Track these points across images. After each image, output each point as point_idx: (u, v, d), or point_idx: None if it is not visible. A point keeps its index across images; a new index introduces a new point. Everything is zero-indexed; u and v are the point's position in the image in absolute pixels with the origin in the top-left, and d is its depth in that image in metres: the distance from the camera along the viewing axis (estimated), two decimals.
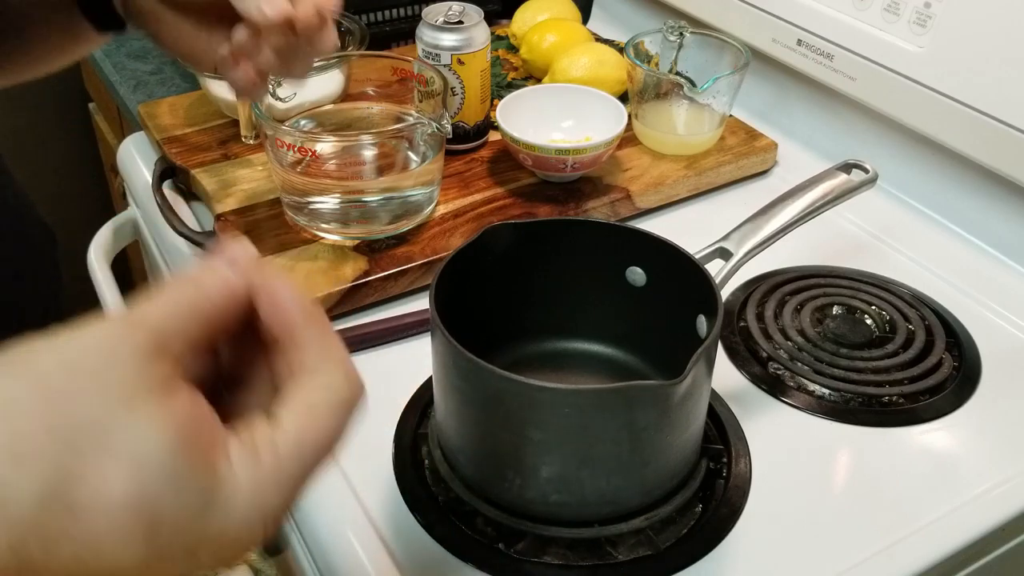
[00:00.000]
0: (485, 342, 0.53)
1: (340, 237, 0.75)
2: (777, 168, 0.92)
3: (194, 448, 0.27)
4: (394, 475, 0.59)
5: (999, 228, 0.79)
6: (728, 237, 0.62)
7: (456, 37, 0.82)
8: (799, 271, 0.77)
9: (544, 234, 0.61)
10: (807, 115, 0.94)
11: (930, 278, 0.77)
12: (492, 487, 0.54)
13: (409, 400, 0.64)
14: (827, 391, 0.65)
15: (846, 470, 0.61)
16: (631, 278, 0.62)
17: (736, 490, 0.58)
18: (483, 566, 0.53)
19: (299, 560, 0.59)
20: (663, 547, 0.54)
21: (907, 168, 0.84)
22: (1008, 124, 0.71)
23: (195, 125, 0.90)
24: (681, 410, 0.52)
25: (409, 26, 1.12)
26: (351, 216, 0.75)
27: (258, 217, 0.78)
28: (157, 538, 0.26)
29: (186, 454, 0.26)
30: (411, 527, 0.56)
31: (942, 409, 0.64)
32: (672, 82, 0.87)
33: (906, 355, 0.68)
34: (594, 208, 0.81)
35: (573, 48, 0.97)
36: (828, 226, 0.81)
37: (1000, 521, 0.57)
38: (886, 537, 0.55)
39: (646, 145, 0.90)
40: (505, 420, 0.51)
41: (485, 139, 0.90)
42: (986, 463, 0.61)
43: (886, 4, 0.79)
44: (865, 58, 0.81)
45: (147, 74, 1.11)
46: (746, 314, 0.72)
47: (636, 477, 0.53)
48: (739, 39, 0.89)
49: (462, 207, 0.80)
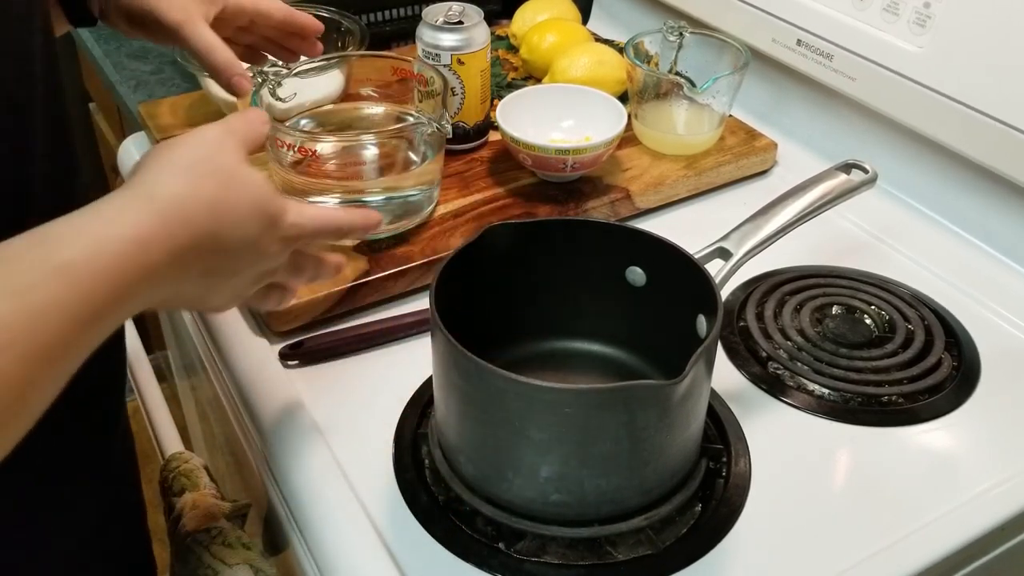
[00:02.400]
0: (485, 342, 0.53)
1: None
2: (777, 168, 0.92)
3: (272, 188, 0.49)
4: (394, 475, 0.59)
5: (998, 228, 0.79)
6: (728, 237, 0.63)
7: (456, 37, 0.82)
8: (799, 271, 0.77)
9: (544, 234, 0.61)
10: (807, 115, 0.94)
11: (929, 278, 0.77)
12: (492, 487, 0.54)
13: (409, 400, 0.64)
14: (827, 391, 0.65)
15: (846, 469, 0.61)
16: (631, 278, 0.62)
17: (736, 490, 0.58)
18: (483, 566, 0.53)
19: (299, 560, 0.59)
20: (663, 547, 0.54)
21: (907, 168, 0.85)
22: (1008, 124, 0.71)
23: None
24: (681, 410, 0.52)
25: (409, 26, 1.12)
26: None
27: None
28: (264, 220, 0.47)
29: (272, 190, 0.48)
30: (411, 527, 0.56)
31: (941, 409, 0.65)
32: (672, 82, 0.87)
33: (905, 355, 0.68)
34: (594, 208, 0.81)
35: (573, 48, 0.97)
36: (828, 226, 0.81)
37: (1000, 520, 0.57)
38: (886, 537, 0.56)
39: (646, 145, 0.90)
40: (505, 420, 0.51)
41: (485, 139, 0.90)
42: (985, 462, 0.61)
43: (885, 4, 0.79)
44: (865, 58, 0.81)
45: (147, 74, 1.11)
46: (746, 314, 0.72)
47: (636, 476, 0.53)
48: (739, 39, 0.89)
49: (462, 207, 0.81)
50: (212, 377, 0.74)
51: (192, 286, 0.46)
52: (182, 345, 0.93)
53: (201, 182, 0.44)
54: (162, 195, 0.43)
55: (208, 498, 0.65)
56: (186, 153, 0.46)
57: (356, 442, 0.62)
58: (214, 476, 0.70)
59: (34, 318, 0.36)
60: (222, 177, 0.45)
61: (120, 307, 0.40)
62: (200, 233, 0.44)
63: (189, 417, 1.12)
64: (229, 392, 0.69)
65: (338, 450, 0.61)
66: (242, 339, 0.70)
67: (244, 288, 0.51)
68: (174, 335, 0.97)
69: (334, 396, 0.66)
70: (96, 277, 0.38)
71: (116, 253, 0.39)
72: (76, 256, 0.38)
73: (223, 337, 0.71)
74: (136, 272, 0.40)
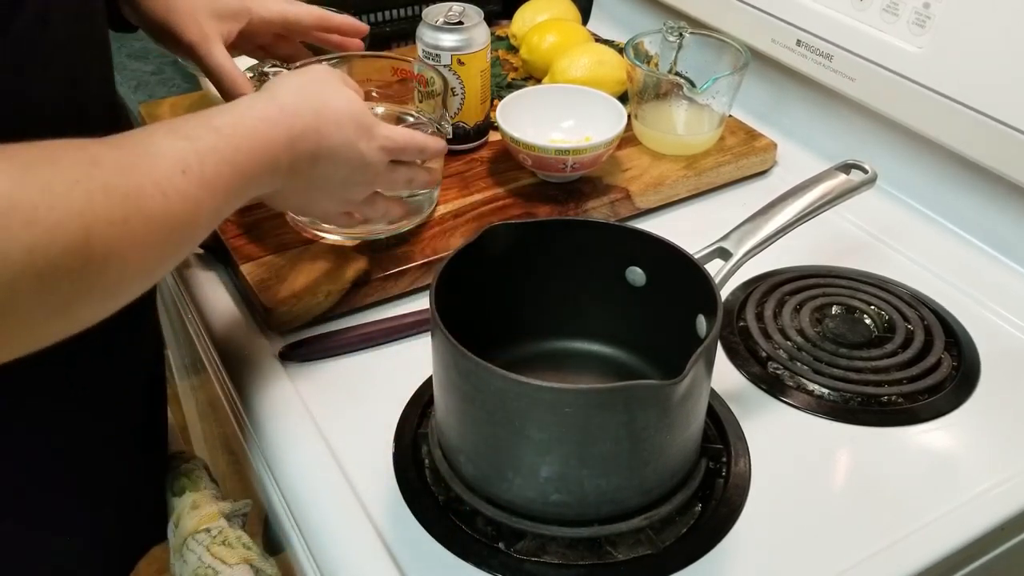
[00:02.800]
0: (485, 342, 0.53)
1: (341, 237, 0.75)
2: (776, 168, 0.92)
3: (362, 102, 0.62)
4: (394, 475, 0.59)
5: (998, 228, 0.79)
6: (727, 237, 0.63)
7: (456, 37, 0.82)
8: (798, 271, 0.77)
9: (544, 234, 0.61)
10: (806, 115, 0.94)
11: (929, 278, 0.77)
12: (492, 486, 0.55)
13: (409, 400, 0.64)
14: (826, 391, 0.65)
15: (845, 469, 0.61)
16: (631, 278, 0.62)
17: (735, 489, 0.58)
18: (483, 565, 0.53)
19: (299, 560, 0.59)
20: (663, 546, 0.54)
21: (906, 168, 0.85)
22: (1007, 124, 0.71)
23: None
24: (681, 410, 0.52)
25: (409, 26, 1.12)
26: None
27: (258, 216, 0.78)
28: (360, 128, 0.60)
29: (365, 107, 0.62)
30: (411, 527, 0.56)
31: (941, 408, 0.65)
32: (672, 82, 0.87)
33: (905, 355, 0.68)
34: (594, 208, 0.81)
35: (573, 48, 0.97)
36: (827, 226, 0.82)
37: (1000, 520, 0.57)
38: (886, 536, 0.56)
39: (646, 145, 0.90)
40: (505, 420, 0.51)
41: (485, 139, 0.90)
42: (985, 462, 0.61)
43: (885, 4, 0.79)
44: (864, 58, 0.81)
45: (148, 74, 1.11)
46: (745, 314, 0.72)
47: (636, 476, 0.53)
48: (738, 39, 0.89)
49: (462, 207, 0.81)
50: (212, 377, 0.74)
51: (303, 182, 0.58)
52: (182, 345, 0.93)
53: (308, 93, 0.58)
54: (281, 96, 0.56)
55: (208, 498, 0.65)
56: (297, 78, 0.59)
57: (356, 442, 0.62)
58: (214, 476, 0.70)
59: (201, 156, 0.48)
60: (325, 93, 0.59)
61: (253, 172, 0.52)
62: (308, 127, 0.56)
63: (189, 417, 1.12)
64: (229, 392, 0.69)
65: (338, 450, 0.61)
66: (242, 339, 0.70)
67: (352, 194, 0.63)
68: (174, 335, 0.97)
69: (334, 396, 0.66)
70: (241, 136, 0.52)
71: (256, 119, 0.53)
72: (226, 120, 0.52)
73: (223, 337, 0.71)
74: (265, 143, 0.53)
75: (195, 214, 0.48)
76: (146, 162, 0.45)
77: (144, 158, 0.45)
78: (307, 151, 0.57)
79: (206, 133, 0.50)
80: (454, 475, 0.57)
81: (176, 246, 0.48)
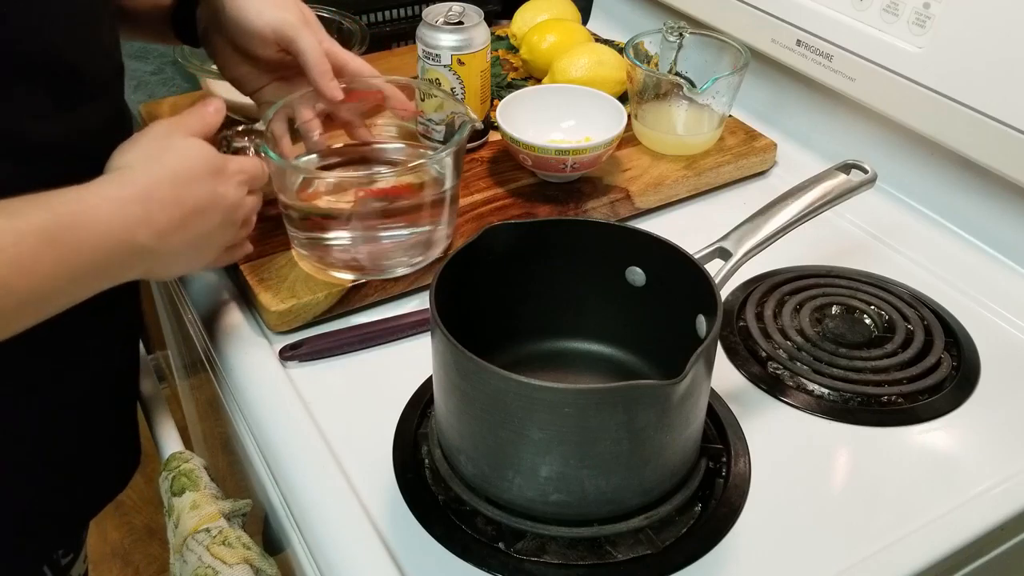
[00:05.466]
0: (485, 342, 0.53)
1: (354, 275, 0.72)
2: (776, 168, 0.92)
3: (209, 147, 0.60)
4: (394, 475, 0.59)
5: (998, 228, 0.79)
6: (727, 237, 0.63)
7: (456, 38, 0.82)
8: (798, 271, 0.77)
9: (544, 234, 0.61)
10: (806, 115, 0.94)
11: (929, 278, 0.77)
12: (492, 486, 0.55)
13: (409, 400, 0.64)
14: (826, 391, 0.65)
15: (845, 469, 0.61)
16: (631, 278, 0.62)
17: (735, 489, 0.58)
18: (483, 565, 0.53)
19: (299, 560, 0.59)
20: (662, 546, 0.54)
21: (906, 168, 0.85)
22: (1007, 124, 0.71)
23: None
24: (681, 410, 0.52)
25: (409, 26, 1.12)
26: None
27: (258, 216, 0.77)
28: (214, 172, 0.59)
29: (212, 149, 0.60)
30: (411, 527, 0.56)
31: (941, 408, 0.65)
32: (672, 82, 0.87)
33: (905, 355, 0.68)
34: (594, 208, 0.81)
35: (573, 48, 0.97)
36: (827, 226, 0.82)
37: (999, 520, 0.57)
38: (886, 536, 0.56)
39: (646, 145, 0.90)
40: (505, 420, 0.51)
41: (485, 139, 0.90)
42: (985, 462, 0.61)
43: (885, 4, 0.80)
44: (864, 58, 0.81)
45: (148, 74, 1.11)
46: (745, 314, 0.72)
47: (636, 476, 0.53)
48: (738, 39, 0.89)
49: (462, 207, 0.81)
50: (212, 377, 0.74)
51: (180, 245, 0.57)
52: (182, 345, 0.93)
53: (158, 163, 0.57)
54: (131, 174, 0.55)
55: (208, 498, 0.65)
56: (140, 147, 0.58)
57: (356, 442, 0.62)
58: (214, 476, 0.70)
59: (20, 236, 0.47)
60: (172, 151, 0.58)
61: (97, 252, 0.51)
62: (166, 200, 0.55)
63: (189, 417, 1.12)
64: (229, 392, 0.69)
65: (338, 450, 0.61)
66: (242, 339, 0.70)
67: (228, 235, 0.62)
68: (174, 335, 0.97)
69: (334, 396, 0.66)
70: (81, 216, 0.50)
71: (102, 199, 0.52)
72: (68, 199, 0.50)
73: (223, 337, 0.71)
74: (112, 224, 0.52)
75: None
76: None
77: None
78: (171, 220, 0.55)
79: (36, 212, 0.48)
80: (454, 475, 0.57)
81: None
